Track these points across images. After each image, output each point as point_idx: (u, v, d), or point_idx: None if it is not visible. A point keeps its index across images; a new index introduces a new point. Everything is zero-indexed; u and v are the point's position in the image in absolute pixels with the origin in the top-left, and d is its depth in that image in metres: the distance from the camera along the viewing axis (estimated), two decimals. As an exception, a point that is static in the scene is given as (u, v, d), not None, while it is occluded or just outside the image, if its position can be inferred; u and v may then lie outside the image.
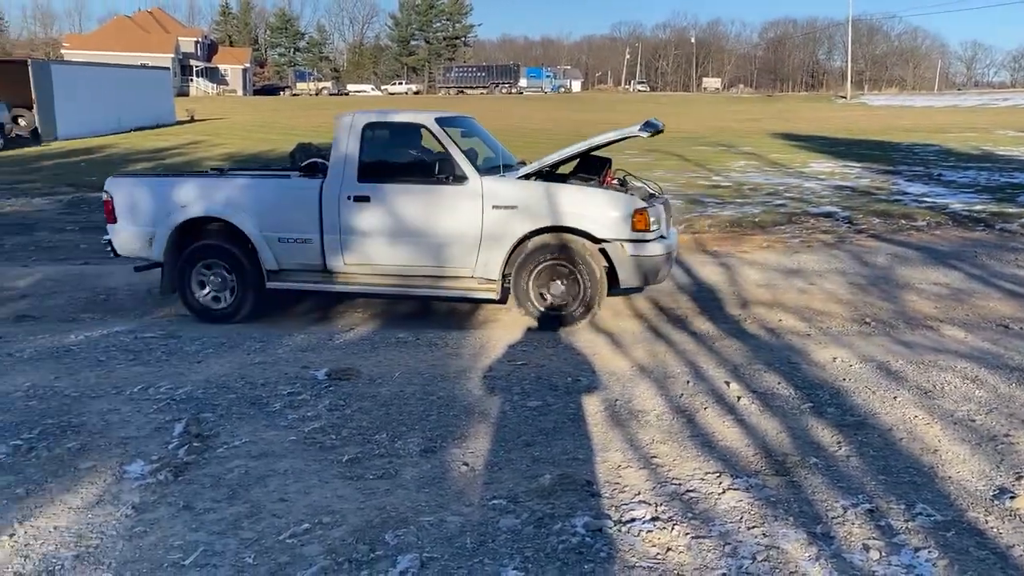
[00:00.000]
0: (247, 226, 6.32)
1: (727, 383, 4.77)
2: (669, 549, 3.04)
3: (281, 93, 79.99)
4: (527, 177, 6.16)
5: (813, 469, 3.67)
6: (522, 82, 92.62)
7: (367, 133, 6.32)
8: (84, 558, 3.01)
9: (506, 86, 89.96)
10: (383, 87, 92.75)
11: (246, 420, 4.28)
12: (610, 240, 5.91)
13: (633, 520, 3.24)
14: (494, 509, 3.33)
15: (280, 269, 6.40)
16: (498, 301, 6.27)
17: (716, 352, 5.44)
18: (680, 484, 3.54)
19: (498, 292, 6.13)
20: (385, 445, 3.96)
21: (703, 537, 3.12)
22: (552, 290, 6.05)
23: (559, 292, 6.04)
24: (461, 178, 6.05)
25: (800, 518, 3.24)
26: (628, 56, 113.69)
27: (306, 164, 7.10)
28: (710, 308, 6.79)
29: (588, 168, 6.49)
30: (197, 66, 73.98)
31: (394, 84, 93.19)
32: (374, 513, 3.30)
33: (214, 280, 6.49)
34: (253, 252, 6.36)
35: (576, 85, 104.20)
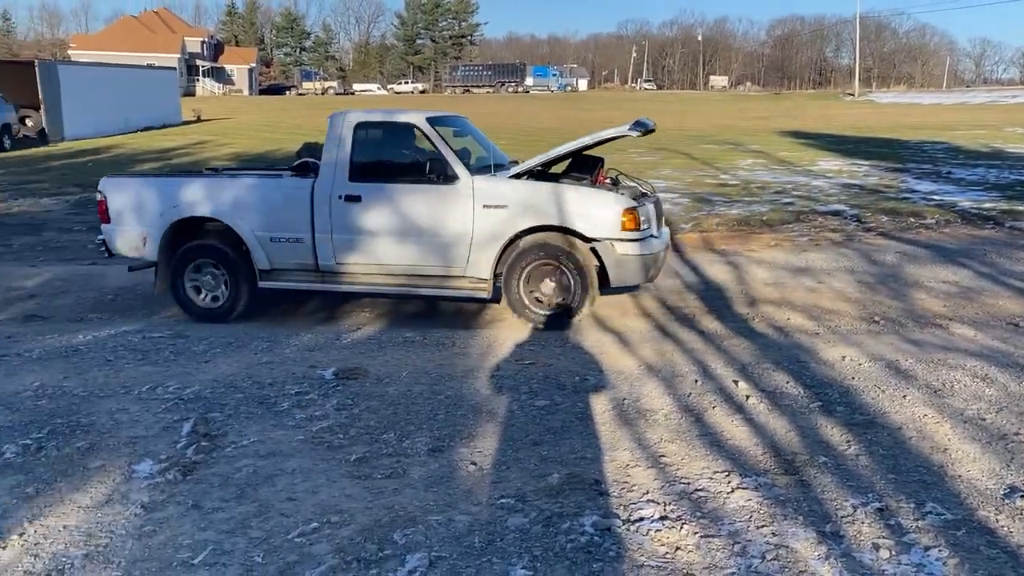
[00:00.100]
0: (239, 226, 6.35)
1: (735, 382, 4.76)
2: (678, 548, 3.04)
3: (287, 93, 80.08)
4: (518, 177, 6.17)
5: (822, 468, 3.66)
6: (528, 81, 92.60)
7: (358, 133, 6.33)
8: (93, 557, 3.02)
9: (512, 85, 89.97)
10: (389, 86, 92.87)
11: (254, 419, 4.29)
12: (600, 239, 5.91)
13: (642, 519, 3.23)
14: (502, 508, 3.33)
15: (272, 268, 6.43)
16: (489, 300, 6.29)
17: (724, 351, 5.43)
18: (689, 483, 3.54)
19: (490, 291, 6.14)
20: (393, 444, 3.96)
21: (712, 536, 3.11)
22: (543, 289, 6.06)
23: (550, 291, 6.05)
24: (452, 177, 6.06)
25: (809, 517, 3.23)
26: (635, 54, 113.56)
27: (298, 164, 7.09)
28: (718, 307, 6.77)
29: (581, 167, 6.50)
30: (203, 66, 74.15)
31: (400, 83, 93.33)
32: (382, 512, 3.30)
33: (207, 280, 6.52)
34: (246, 252, 6.39)
35: (583, 84, 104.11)
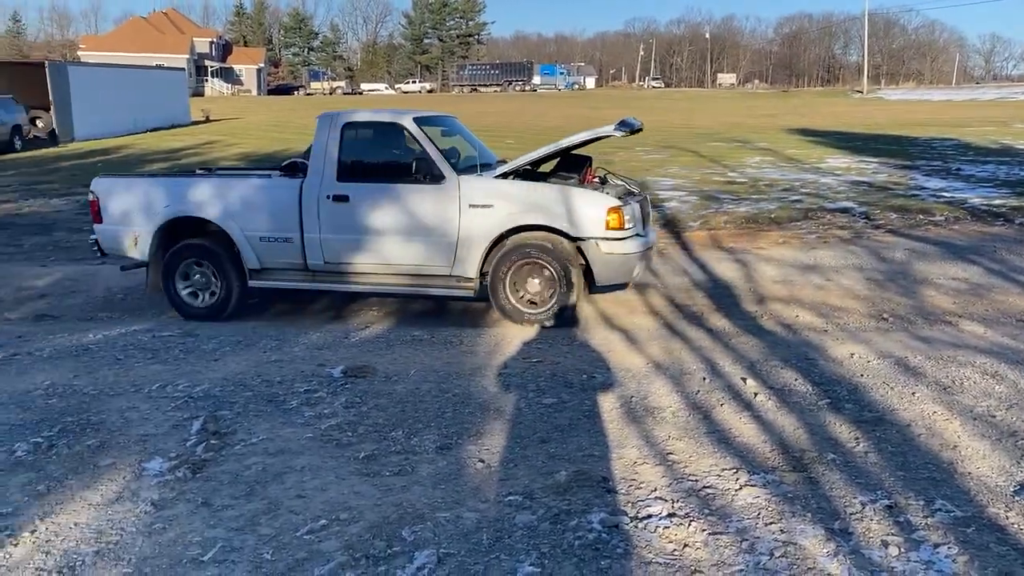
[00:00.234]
0: (229, 226, 6.40)
1: (743, 379, 4.75)
2: (686, 545, 3.04)
3: (295, 93, 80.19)
4: (505, 176, 6.18)
5: (831, 465, 3.65)
6: (536, 79, 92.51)
7: (346, 133, 6.37)
8: (104, 554, 3.04)
9: (520, 84, 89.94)
10: (397, 86, 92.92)
11: (263, 417, 4.30)
12: (585, 238, 5.92)
13: (650, 516, 3.23)
14: (510, 505, 3.33)
15: (262, 268, 6.48)
16: (475, 299, 6.31)
17: (732, 348, 5.42)
18: (697, 480, 3.53)
19: (475, 290, 6.16)
20: (401, 442, 3.97)
21: (720, 533, 3.11)
22: (529, 288, 6.06)
23: (535, 290, 6.05)
24: (438, 177, 6.08)
25: (818, 514, 3.23)
26: (642, 52, 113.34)
27: (287, 164, 7.13)
28: (726, 304, 6.76)
29: (569, 167, 6.50)
30: (212, 66, 74.39)
31: (408, 83, 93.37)
32: (391, 509, 3.31)
33: (198, 279, 6.57)
34: (236, 251, 6.43)
35: (590, 82, 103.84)
